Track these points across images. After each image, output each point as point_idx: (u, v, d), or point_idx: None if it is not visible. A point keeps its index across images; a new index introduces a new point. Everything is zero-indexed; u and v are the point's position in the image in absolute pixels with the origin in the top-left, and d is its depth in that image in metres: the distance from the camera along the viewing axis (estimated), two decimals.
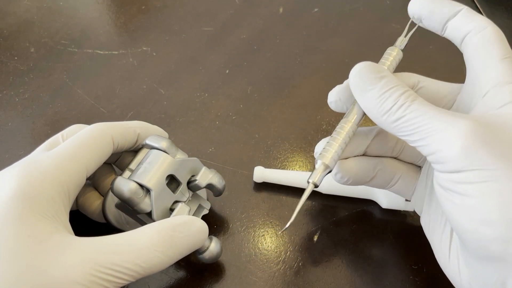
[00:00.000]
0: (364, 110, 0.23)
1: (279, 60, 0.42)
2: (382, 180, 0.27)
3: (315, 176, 0.24)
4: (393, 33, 0.45)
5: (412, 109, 0.21)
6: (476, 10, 0.47)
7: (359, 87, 0.23)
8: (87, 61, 0.41)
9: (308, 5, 0.47)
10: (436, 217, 0.24)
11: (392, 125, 0.21)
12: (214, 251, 0.26)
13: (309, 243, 0.30)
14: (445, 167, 0.20)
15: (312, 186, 0.25)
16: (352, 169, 0.26)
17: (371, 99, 0.22)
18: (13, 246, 0.20)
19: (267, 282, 0.28)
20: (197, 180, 0.27)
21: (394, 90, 0.21)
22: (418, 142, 0.21)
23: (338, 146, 0.24)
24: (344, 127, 0.25)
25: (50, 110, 0.37)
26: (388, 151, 0.27)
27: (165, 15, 0.46)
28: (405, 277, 0.29)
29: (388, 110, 0.21)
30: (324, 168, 0.24)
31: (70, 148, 0.24)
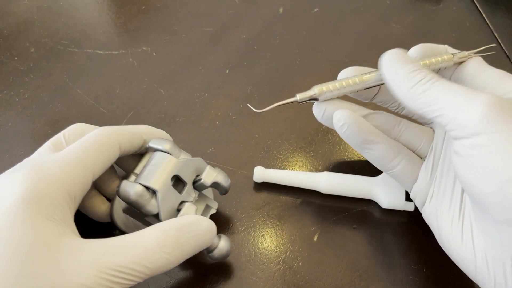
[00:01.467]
0: (393, 84, 0.25)
1: (279, 60, 0.42)
2: (382, 152, 0.28)
3: (303, 94, 0.27)
4: (393, 33, 0.46)
5: (439, 84, 0.23)
6: (476, 10, 0.48)
7: (392, 64, 0.25)
8: (87, 61, 0.41)
9: (308, 5, 0.47)
10: (445, 199, 0.25)
11: (417, 96, 0.23)
12: (224, 249, 0.26)
13: (309, 243, 0.30)
14: (466, 131, 0.21)
15: (296, 98, 0.27)
16: (351, 117, 0.27)
17: (402, 74, 0.24)
18: (21, 250, 0.19)
19: (267, 282, 0.28)
20: (202, 179, 0.27)
21: (422, 70, 0.24)
22: (439, 111, 0.22)
23: (336, 83, 0.27)
24: (353, 78, 0.27)
25: (50, 110, 0.37)
26: (387, 131, 0.28)
27: (165, 15, 0.46)
28: (405, 277, 0.29)
29: (416, 83, 0.23)
30: (313, 92, 0.27)
31: (76, 152, 0.24)
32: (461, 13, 0.47)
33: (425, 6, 0.48)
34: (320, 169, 0.34)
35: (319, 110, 0.28)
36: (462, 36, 0.45)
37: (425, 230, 0.31)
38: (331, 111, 0.28)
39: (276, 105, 0.27)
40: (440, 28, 0.45)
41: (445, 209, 0.25)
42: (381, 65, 0.26)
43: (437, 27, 0.46)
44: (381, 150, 0.28)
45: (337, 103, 0.28)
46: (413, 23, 0.46)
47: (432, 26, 0.46)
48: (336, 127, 0.28)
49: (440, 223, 0.25)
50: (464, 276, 0.25)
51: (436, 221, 0.26)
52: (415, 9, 0.47)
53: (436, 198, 0.26)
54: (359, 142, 0.28)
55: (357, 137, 0.27)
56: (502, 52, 0.43)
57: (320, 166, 0.34)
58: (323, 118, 0.28)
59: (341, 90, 0.27)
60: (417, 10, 0.47)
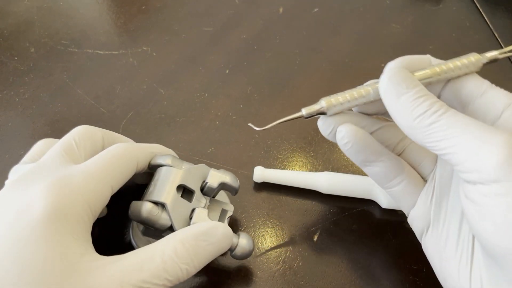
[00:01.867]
0: (394, 114, 0.22)
1: (279, 60, 0.42)
2: (384, 170, 0.26)
3: (309, 108, 0.25)
4: (393, 33, 0.46)
5: (448, 115, 0.20)
6: (476, 10, 0.47)
7: (392, 91, 0.22)
8: (87, 61, 0.41)
9: (308, 5, 0.47)
10: (448, 237, 0.23)
11: (424, 129, 0.20)
12: (246, 247, 0.26)
13: (309, 243, 0.30)
14: (483, 176, 0.18)
15: (301, 113, 0.25)
16: (356, 135, 0.25)
17: (405, 102, 0.21)
18: (45, 268, 0.19)
19: (267, 282, 0.28)
20: (208, 183, 0.27)
21: (428, 97, 0.21)
22: (449, 149, 0.20)
23: (347, 94, 0.24)
24: (366, 88, 0.24)
25: (50, 110, 0.37)
26: (391, 146, 0.26)
27: (165, 15, 0.46)
28: (405, 277, 0.29)
29: (422, 114, 0.21)
30: (320, 106, 0.24)
31: (99, 168, 0.23)
32: (461, 13, 0.47)
33: (425, 6, 0.48)
34: (320, 169, 0.34)
35: (326, 126, 0.25)
36: (462, 36, 0.45)
37: None
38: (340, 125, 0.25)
39: (279, 122, 0.25)
40: (440, 28, 0.45)
41: (451, 251, 0.23)
42: (380, 90, 0.23)
43: (437, 27, 0.46)
44: (383, 168, 0.26)
45: (346, 117, 0.25)
46: (413, 23, 0.46)
47: (432, 26, 0.46)
48: (339, 143, 0.25)
49: (444, 265, 0.23)
50: None
51: (439, 262, 0.24)
52: (415, 9, 0.47)
53: (438, 232, 0.24)
54: (361, 160, 0.26)
55: (361, 155, 0.25)
56: None
57: (320, 166, 0.34)
58: (330, 135, 0.25)
59: (352, 102, 0.24)
60: (417, 10, 0.47)
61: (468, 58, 0.24)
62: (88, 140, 0.26)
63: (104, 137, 0.27)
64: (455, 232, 0.23)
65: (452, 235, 0.23)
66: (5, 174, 0.33)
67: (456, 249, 0.23)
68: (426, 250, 0.25)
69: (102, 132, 0.27)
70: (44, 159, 0.24)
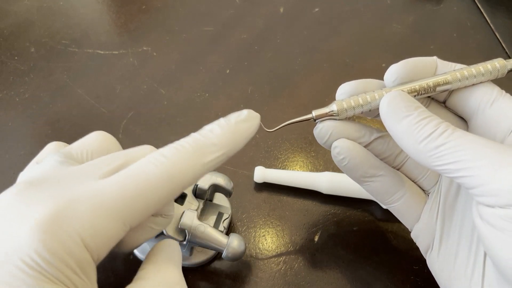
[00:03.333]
0: (398, 137, 0.21)
1: (280, 60, 0.42)
2: (383, 186, 0.25)
3: (319, 110, 0.23)
4: (393, 33, 0.46)
5: (456, 136, 0.19)
6: (477, 10, 0.47)
7: (393, 114, 0.21)
8: (88, 61, 0.41)
9: (309, 5, 0.47)
10: (458, 255, 0.22)
11: (430, 152, 0.19)
12: (237, 248, 0.26)
13: (310, 243, 0.30)
14: (501, 200, 0.18)
15: (311, 115, 0.24)
16: (353, 150, 0.24)
17: (408, 125, 0.20)
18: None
19: (267, 282, 0.28)
20: (198, 185, 0.27)
21: (432, 119, 0.20)
22: (461, 172, 0.19)
23: (359, 98, 0.23)
24: (379, 91, 0.23)
25: (51, 110, 0.37)
26: (390, 158, 0.25)
27: (166, 15, 0.46)
28: (406, 277, 0.29)
29: (427, 136, 0.19)
30: (330, 110, 0.23)
31: (113, 195, 0.18)
32: (462, 13, 0.47)
33: (426, 6, 0.48)
34: (321, 169, 0.34)
35: (323, 134, 0.24)
36: (463, 36, 0.45)
37: None
38: (336, 135, 0.24)
39: (288, 123, 0.24)
40: (441, 28, 0.45)
41: (461, 270, 0.22)
42: (381, 113, 0.22)
43: (438, 27, 0.46)
44: (382, 183, 0.24)
45: (343, 125, 0.24)
46: (414, 23, 0.46)
47: (433, 26, 0.45)
48: (335, 159, 0.24)
49: (453, 283, 0.22)
50: None
51: (448, 280, 0.23)
52: (416, 9, 0.47)
53: (446, 249, 0.23)
54: (359, 175, 0.24)
55: (357, 171, 0.24)
56: (503, 52, 0.43)
57: (321, 166, 0.34)
58: (326, 144, 0.24)
59: (365, 106, 0.23)
60: (418, 10, 0.47)
61: (492, 63, 0.22)
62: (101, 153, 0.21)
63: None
64: (465, 250, 0.22)
65: (462, 253, 0.22)
66: (5, 174, 0.34)
67: (466, 267, 0.22)
68: (432, 267, 0.24)
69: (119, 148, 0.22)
70: (75, 169, 0.19)
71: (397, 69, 0.22)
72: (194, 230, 0.25)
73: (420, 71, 0.23)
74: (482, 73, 0.22)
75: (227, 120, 0.21)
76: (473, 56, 0.42)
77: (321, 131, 0.24)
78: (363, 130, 0.24)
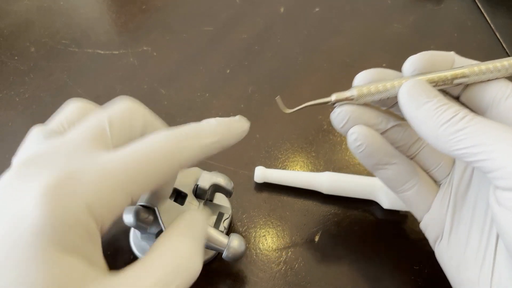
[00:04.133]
0: (417, 123, 0.21)
1: (280, 60, 0.42)
2: (396, 174, 0.25)
3: (339, 94, 0.24)
4: (394, 33, 0.46)
5: (476, 121, 0.19)
6: (477, 10, 0.47)
7: (413, 100, 0.21)
8: (88, 61, 0.41)
9: (309, 5, 0.47)
10: (468, 243, 0.23)
11: (450, 137, 0.20)
12: (238, 248, 0.26)
13: (310, 243, 0.30)
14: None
15: (330, 99, 0.24)
16: (370, 136, 0.24)
17: (428, 110, 0.21)
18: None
19: (268, 282, 0.28)
20: (198, 185, 0.27)
21: (452, 105, 0.20)
22: (480, 156, 0.19)
23: (379, 85, 0.23)
24: (399, 80, 0.23)
25: (51, 110, 0.37)
26: (404, 147, 0.25)
27: (166, 14, 0.46)
28: (406, 277, 0.29)
29: (447, 121, 0.20)
30: (350, 94, 0.23)
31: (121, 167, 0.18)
32: (462, 13, 0.47)
33: (426, 6, 0.48)
34: (322, 169, 0.34)
35: (341, 118, 0.24)
36: (463, 36, 0.45)
37: None
38: (354, 121, 0.24)
39: (307, 105, 0.24)
40: (442, 28, 0.45)
41: (471, 258, 0.22)
42: (400, 99, 0.22)
43: (439, 26, 0.46)
44: (396, 171, 0.25)
45: (361, 109, 0.24)
46: (415, 23, 0.46)
47: (433, 26, 0.45)
48: (351, 146, 0.24)
49: (463, 272, 0.23)
50: None
51: (456, 269, 0.23)
52: (417, 9, 0.47)
53: (456, 239, 0.23)
54: (373, 163, 0.25)
55: (373, 158, 0.24)
56: (503, 52, 0.43)
57: (322, 166, 0.34)
58: (343, 128, 0.24)
59: (384, 93, 0.23)
60: (418, 10, 0.47)
61: (509, 61, 0.22)
62: (127, 124, 0.21)
63: (146, 120, 0.22)
64: (476, 238, 0.22)
65: (472, 241, 0.22)
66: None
67: (476, 254, 0.22)
68: (441, 256, 0.24)
69: (145, 114, 0.22)
70: (65, 139, 0.20)
71: (416, 59, 0.23)
72: None
73: (438, 64, 0.23)
74: (499, 69, 0.22)
75: (221, 118, 0.22)
76: (473, 56, 0.42)
77: (339, 115, 0.24)
78: (380, 117, 0.24)
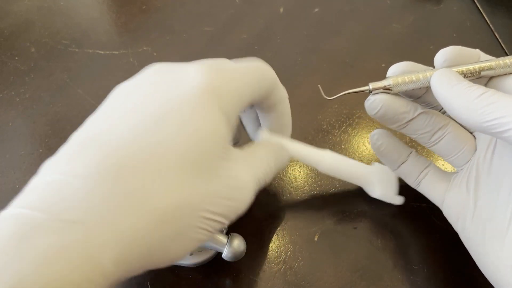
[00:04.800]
0: (448, 100, 0.23)
1: (280, 60, 0.42)
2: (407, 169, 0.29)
3: (376, 83, 0.26)
4: (393, 33, 0.46)
5: (504, 96, 0.21)
6: (477, 10, 0.47)
7: (445, 82, 0.24)
8: (88, 61, 0.41)
9: (309, 5, 0.47)
10: (491, 217, 0.24)
11: (482, 109, 0.21)
12: (237, 248, 0.26)
13: (310, 243, 0.30)
14: None
15: (368, 87, 0.26)
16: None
17: (460, 89, 0.23)
18: (198, 138, 0.20)
19: (267, 282, 0.28)
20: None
21: (480, 86, 0.23)
22: (509, 125, 0.20)
23: (413, 76, 0.25)
24: (430, 71, 0.25)
25: (51, 110, 0.37)
26: (428, 134, 0.27)
27: (166, 15, 0.46)
28: (405, 277, 0.29)
29: (479, 96, 0.22)
30: (387, 83, 0.26)
31: (245, 71, 0.25)
32: (461, 13, 0.47)
33: (425, 6, 0.48)
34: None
35: (375, 106, 0.26)
36: (463, 36, 0.45)
37: (425, 230, 0.31)
38: (386, 108, 0.26)
39: (346, 93, 0.27)
40: (441, 28, 0.45)
41: (495, 230, 0.23)
42: (433, 84, 0.24)
43: (438, 27, 0.46)
44: (410, 165, 0.29)
45: (392, 99, 0.26)
46: (414, 23, 0.46)
47: (432, 26, 0.46)
48: (373, 146, 0.29)
49: (484, 245, 0.24)
50: (465, 277, 0.25)
51: (482, 242, 0.24)
52: (416, 9, 0.47)
53: (482, 213, 0.25)
54: (394, 159, 0.29)
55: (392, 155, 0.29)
56: (502, 52, 0.43)
57: None
58: (377, 114, 0.27)
59: (417, 83, 0.25)
60: (417, 10, 0.47)
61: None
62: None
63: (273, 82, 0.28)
64: (501, 212, 0.23)
65: (498, 214, 0.24)
66: (5, 174, 0.34)
67: (501, 225, 0.23)
68: (467, 232, 0.25)
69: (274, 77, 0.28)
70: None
71: (448, 51, 0.25)
72: None
73: (466, 58, 0.25)
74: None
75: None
76: None
77: (373, 103, 0.26)
78: (409, 105, 0.27)
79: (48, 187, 0.18)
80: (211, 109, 0.21)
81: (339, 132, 0.37)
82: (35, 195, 0.18)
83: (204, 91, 0.21)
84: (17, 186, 0.33)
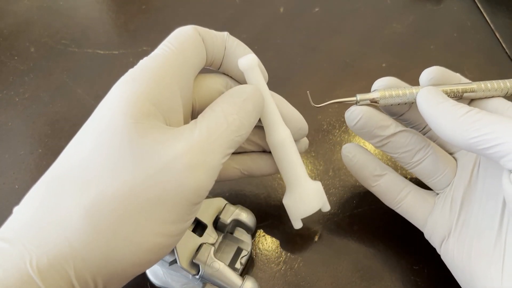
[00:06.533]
0: (434, 118, 0.23)
1: (280, 60, 0.42)
2: (388, 184, 0.27)
3: (363, 95, 0.26)
4: (394, 33, 0.46)
5: (489, 115, 0.22)
6: (477, 10, 0.47)
7: (431, 99, 0.24)
8: (87, 61, 0.41)
9: (309, 5, 0.47)
10: (480, 234, 0.24)
11: (468, 126, 0.22)
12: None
13: (310, 243, 0.30)
14: None
15: (355, 98, 0.26)
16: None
17: (447, 106, 0.23)
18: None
19: (268, 282, 0.28)
20: (220, 218, 0.27)
21: (464, 105, 0.23)
22: (497, 141, 0.21)
23: (400, 91, 0.26)
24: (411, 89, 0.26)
25: (50, 110, 0.37)
26: (409, 153, 0.27)
27: (166, 14, 0.46)
28: (406, 277, 0.29)
29: (465, 113, 0.22)
30: (375, 96, 0.25)
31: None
32: (462, 13, 0.47)
33: (426, 5, 0.48)
34: (321, 169, 0.34)
35: (354, 117, 0.26)
36: (463, 36, 0.45)
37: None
38: (364, 120, 0.26)
39: (333, 102, 0.26)
40: (441, 28, 0.45)
41: (483, 248, 0.23)
42: (419, 100, 0.24)
43: (438, 27, 0.46)
44: (388, 182, 0.27)
45: (373, 111, 0.26)
46: (414, 23, 0.46)
47: (433, 26, 0.45)
48: (344, 159, 0.28)
49: (474, 263, 0.23)
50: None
51: (468, 261, 0.24)
52: (416, 9, 0.47)
53: (468, 232, 0.24)
54: (367, 175, 0.28)
55: (365, 170, 0.28)
56: (503, 52, 0.43)
57: (321, 166, 0.34)
58: (355, 126, 0.26)
59: (403, 98, 0.25)
60: (418, 10, 0.47)
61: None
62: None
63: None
64: (486, 231, 0.23)
65: (483, 234, 0.23)
66: (5, 174, 0.34)
67: (488, 242, 0.23)
68: (451, 253, 0.25)
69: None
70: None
71: (433, 70, 0.26)
72: (208, 267, 0.25)
73: (448, 79, 0.26)
74: (502, 88, 0.26)
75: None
76: (473, 56, 0.42)
77: (353, 113, 0.26)
78: (390, 121, 0.26)
79: None
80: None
81: (339, 132, 0.37)
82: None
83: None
84: (17, 186, 0.33)
